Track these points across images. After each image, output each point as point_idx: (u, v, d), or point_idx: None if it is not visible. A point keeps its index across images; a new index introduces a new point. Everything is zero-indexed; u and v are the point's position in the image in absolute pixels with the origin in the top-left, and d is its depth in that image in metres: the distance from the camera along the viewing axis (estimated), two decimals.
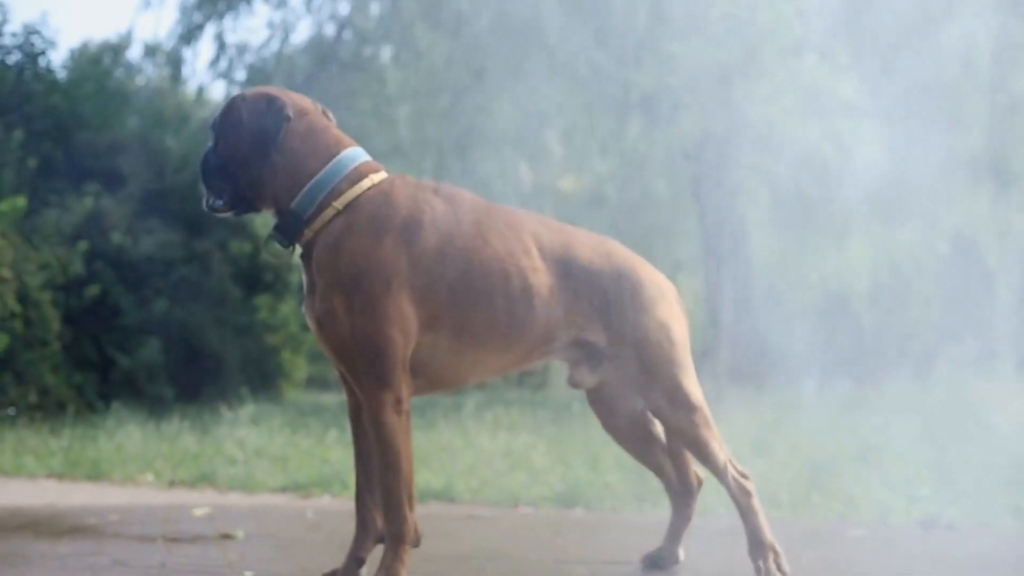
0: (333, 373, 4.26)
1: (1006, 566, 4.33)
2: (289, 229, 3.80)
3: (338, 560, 3.96)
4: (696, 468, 4.39)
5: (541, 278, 3.90)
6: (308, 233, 3.77)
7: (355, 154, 3.85)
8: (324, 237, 3.74)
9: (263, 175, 3.76)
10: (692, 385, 4.10)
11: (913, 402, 11.28)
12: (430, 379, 3.83)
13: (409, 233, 3.74)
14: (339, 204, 3.75)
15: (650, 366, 4.04)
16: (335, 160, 3.80)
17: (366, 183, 3.79)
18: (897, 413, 10.01)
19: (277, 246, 3.88)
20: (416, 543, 3.75)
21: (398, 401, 3.69)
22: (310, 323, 3.80)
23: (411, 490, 3.72)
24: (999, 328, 16.17)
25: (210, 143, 3.89)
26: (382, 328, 3.66)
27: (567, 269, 3.96)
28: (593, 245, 4.08)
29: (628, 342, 4.02)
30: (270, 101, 3.79)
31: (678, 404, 4.06)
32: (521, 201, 16.11)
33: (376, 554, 3.87)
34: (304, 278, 3.82)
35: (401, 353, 3.69)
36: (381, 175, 3.85)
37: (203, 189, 3.90)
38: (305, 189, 3.76)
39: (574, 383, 4.19)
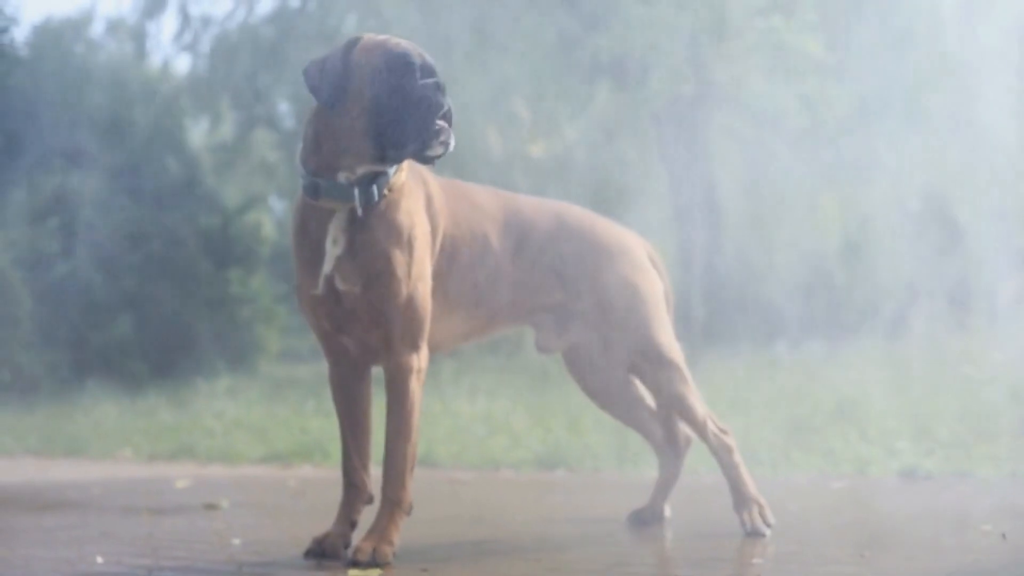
0: (305, 344, 4.17)
1: (985, 514, 4.37)
2: (373, 190, 3.63)
3: (325, 525, 3.96)
4: (685, 428, 4.41)
5: (495, 243, 3.94)
6: (388, 194, 3.64)
7: None
8: (387, 201, 3.65)
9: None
10: (666, 340, 4.11)
11: (888, 358, 11.30)
12: None
13: (424, 202, 3.78)
14: (406, 168, 3.72)
15: (618, 323, 4.06)
16: None
17: None
18: (872, 369, 10.02)
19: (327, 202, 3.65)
20: (408, 511, 3.76)
21: (420, 370, 3.70)
22: (344, 286, 3.61)
23: (414, 458, 3.74)
24: (970, 282, 16.24)
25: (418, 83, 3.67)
26: (426, 292, 3.68)
27: (517, 233, 4.00)
28: (541, 208, 4.11)
29: (589, 300, 4.04)
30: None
31: (652, 360, 4.08)
32: (491, 168, 16.06)
33: (366, 516, 3.88)
34: (339, 242, 3.62)
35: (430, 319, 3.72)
36: None
37: (437, 127, 3.59)
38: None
39: (541, 348, 4.21)
